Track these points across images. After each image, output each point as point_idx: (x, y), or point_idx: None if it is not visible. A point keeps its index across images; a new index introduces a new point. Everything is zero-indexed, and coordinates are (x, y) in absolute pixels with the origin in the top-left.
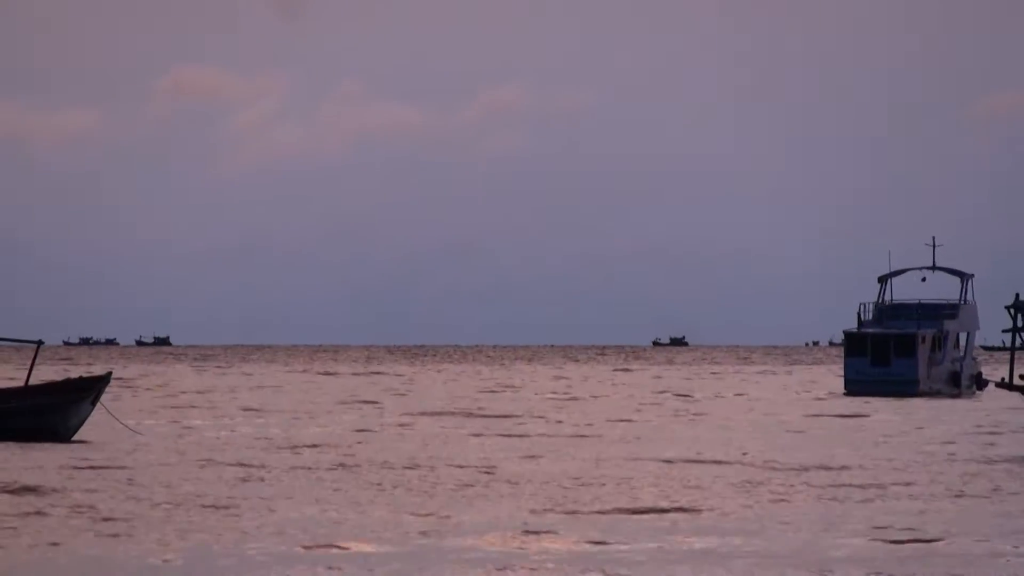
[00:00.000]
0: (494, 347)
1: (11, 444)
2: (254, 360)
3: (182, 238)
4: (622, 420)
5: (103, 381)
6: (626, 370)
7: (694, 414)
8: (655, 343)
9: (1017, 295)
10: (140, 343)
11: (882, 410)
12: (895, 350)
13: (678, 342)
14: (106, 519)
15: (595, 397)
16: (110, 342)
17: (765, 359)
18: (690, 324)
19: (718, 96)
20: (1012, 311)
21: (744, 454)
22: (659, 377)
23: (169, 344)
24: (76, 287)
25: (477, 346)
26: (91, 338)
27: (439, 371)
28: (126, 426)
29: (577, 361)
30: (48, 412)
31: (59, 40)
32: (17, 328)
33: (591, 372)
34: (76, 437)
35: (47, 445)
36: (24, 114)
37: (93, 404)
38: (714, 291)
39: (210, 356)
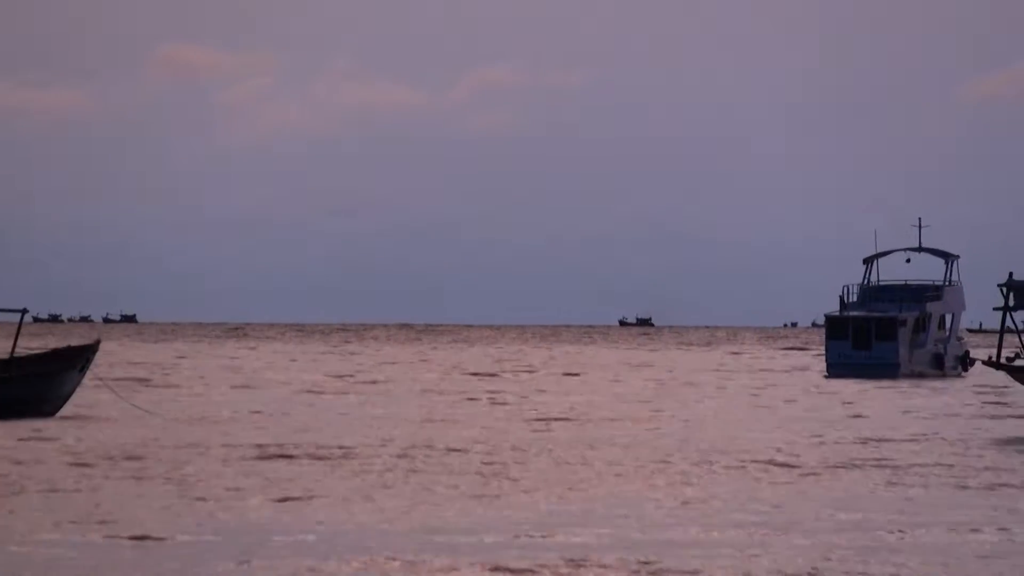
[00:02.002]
0: (488, 326)
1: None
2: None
3: (164, 215)
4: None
5: (91, 350)
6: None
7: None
8: (622, 323)
9: (1011, 274)
10: (107, 320)
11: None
12: (876, 333)
13: (645, 323)
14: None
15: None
16: (84, 319)
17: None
18: (659, 304)
19: (698, 76)
20: (1004, 289)
21: None
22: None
23: (136, 321)
24: (46, 262)
25: (466, 325)
26: (60, 315)
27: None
28: (134, 405)
29: (601, 342)
30: (37, 382)
31: (49, 16)
32: None
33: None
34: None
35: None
36: (13, 90)
37: (81, 373)
38: (685, 270)
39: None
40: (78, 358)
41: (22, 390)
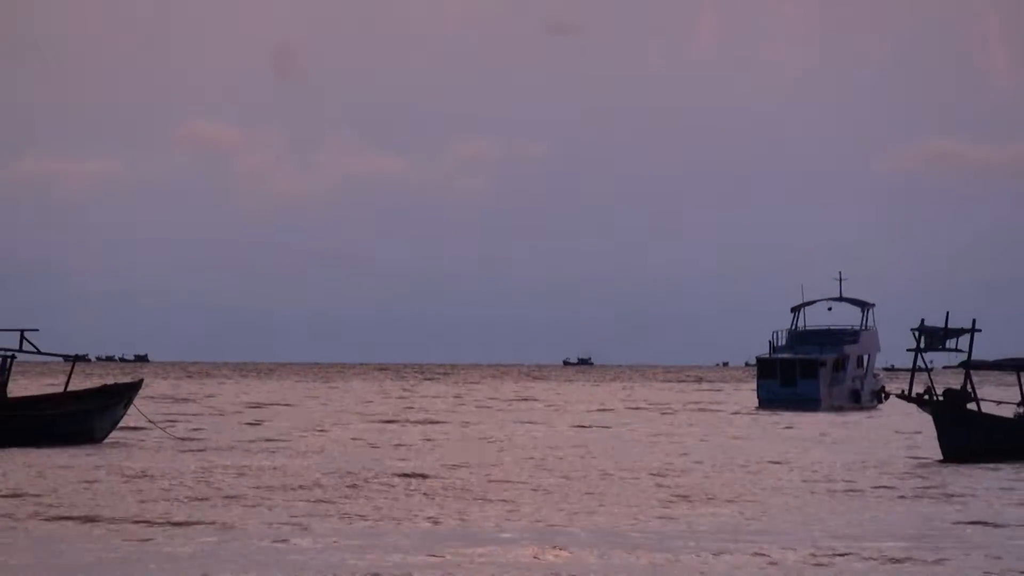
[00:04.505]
0: (465, 366)
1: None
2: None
3: (181, 269)
4: None
5: (134, 388)
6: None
7: None
8: (565, 363)
9: (923, 320)
10: (122, 359)
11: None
12: (800, 372)
13: (585, 362)
14: None
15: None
16: (109, 359)
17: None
18: (599, 344)
19: (630, 131)
20: (917, 333)
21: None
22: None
23: (148, 361)
24: (71, 307)
25: (438, 364)
26: (87, 355)
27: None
28: (163, 430)
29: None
30: (85, 416)
31: (78, 98)
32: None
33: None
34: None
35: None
36: (50, 162)
37: (125, 408)
38: (627, 312)
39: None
40: (122, 395)
41: (73, 423)
